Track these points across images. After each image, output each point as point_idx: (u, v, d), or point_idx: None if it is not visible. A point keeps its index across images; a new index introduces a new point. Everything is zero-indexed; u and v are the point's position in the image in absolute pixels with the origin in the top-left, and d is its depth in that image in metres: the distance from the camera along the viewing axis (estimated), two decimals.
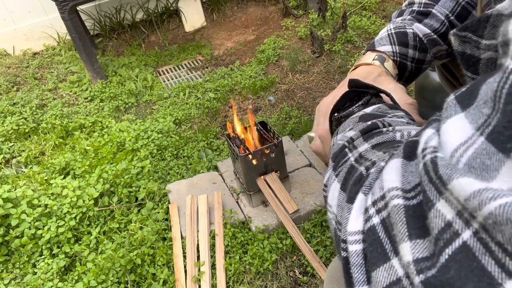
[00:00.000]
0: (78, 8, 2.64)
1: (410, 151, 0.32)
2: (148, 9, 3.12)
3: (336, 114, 0.57)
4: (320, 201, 1.47)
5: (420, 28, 0.78)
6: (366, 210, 0.33)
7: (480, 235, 0.22)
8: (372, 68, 0.74)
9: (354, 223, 0.34)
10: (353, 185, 0.38)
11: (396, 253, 0.28)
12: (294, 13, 3.08)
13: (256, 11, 3.30)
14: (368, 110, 0.53)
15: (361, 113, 0.52)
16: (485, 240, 0.22)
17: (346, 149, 0.46)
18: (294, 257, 1.36)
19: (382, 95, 0.57)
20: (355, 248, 0.33)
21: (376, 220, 0.31)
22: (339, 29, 2.57)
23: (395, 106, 0.54)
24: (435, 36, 0.78)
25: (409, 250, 0.27)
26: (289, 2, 3.19)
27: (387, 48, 0.76)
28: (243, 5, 3.35)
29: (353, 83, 0.57)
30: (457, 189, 0.23)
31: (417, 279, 0.25)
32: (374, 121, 0.47)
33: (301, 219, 1.44)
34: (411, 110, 0.66)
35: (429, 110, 1.81)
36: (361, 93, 0.57)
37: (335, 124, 0.58)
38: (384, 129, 0.46)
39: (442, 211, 0.25)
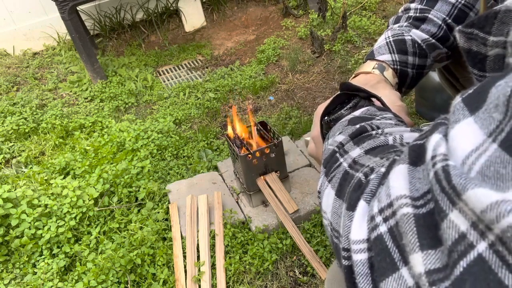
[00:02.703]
0: (78, 8, 2.64)
1: (415, 156, 0.31)
2: (148, 9, 3.12)
3: (326, 118, 0.58)
4: None
5: (417, 34, 0.78)
6: (372, 218, 0.32)
7: (497, 248, 0.22)
8: (371, 76, 0.75)
9: (358, 231, 0.34)
10: (352, 192, 0.37)
11: (406, 262, 0.28)
12: (294, 13, 3.08)
13: (256, 11, 3.30)
14: (357, 113, 0.53)
15: (350, 116, 0.52)
16: (502, 252, 0.21)
17: (337, 154, 0.45)
18: (294, 257, 1.36)
19: (373, 99, 0.57)
20: (360, 257, 0.33)
21: (383, 228, 0.31)
22: (339, 29, 2.57)
23: (384, 108, 0.53)
24: (433, 40, 0.78)
25: (420, 261, 0.26)
26: (289, 2, 3.19)
27: (387, 57, 0.77)
28: (243, 5, 3.35)
29: (345, 86, 0.58)
30: (472, 200, 0.23)
31: None
32: (362, 124, 0.47)
33: (301, 219, 1.44)
34: (399, 112, 0.66)
35: (429, 110, 1.81)
36: (351, 96, 0.57)
37: (325, 128, 0.59)
38: (374, 132, 0.45)
39: (456, 221, 0.24)
